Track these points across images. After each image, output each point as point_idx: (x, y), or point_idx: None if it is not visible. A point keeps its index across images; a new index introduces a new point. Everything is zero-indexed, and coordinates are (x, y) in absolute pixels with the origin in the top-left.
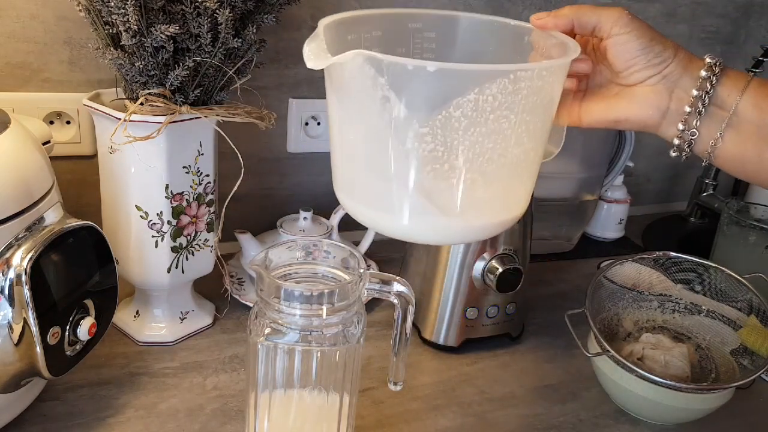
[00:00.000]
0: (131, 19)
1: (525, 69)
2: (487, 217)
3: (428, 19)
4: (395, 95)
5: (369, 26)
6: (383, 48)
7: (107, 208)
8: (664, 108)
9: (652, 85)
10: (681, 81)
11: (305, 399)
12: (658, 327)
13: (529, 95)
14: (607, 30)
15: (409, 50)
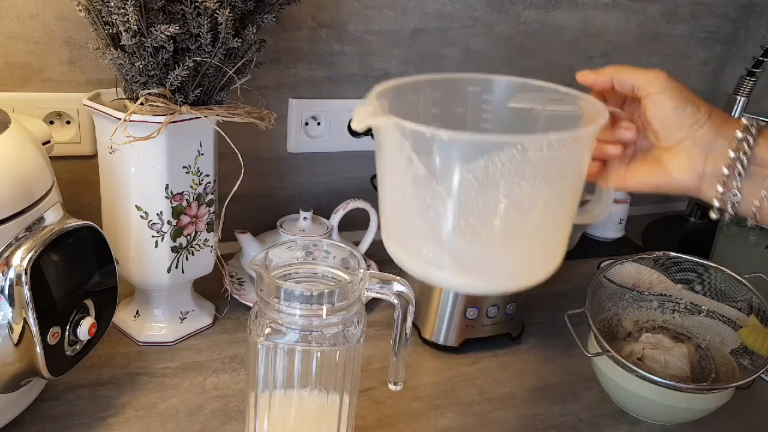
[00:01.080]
0: (131, 19)
1: (531, 141)
2: (504, 277)
3: (485, 83)
4: (417, 157)
5: (429, 89)
6: (443, 108)
7: (107, 208)
8: (700, 171)
9: (686, 148)
10: (715, 143)
11: (305, 399)
12: (658, 327)
13: (540, 165)
14: (644, 89)
15: (467, 110)
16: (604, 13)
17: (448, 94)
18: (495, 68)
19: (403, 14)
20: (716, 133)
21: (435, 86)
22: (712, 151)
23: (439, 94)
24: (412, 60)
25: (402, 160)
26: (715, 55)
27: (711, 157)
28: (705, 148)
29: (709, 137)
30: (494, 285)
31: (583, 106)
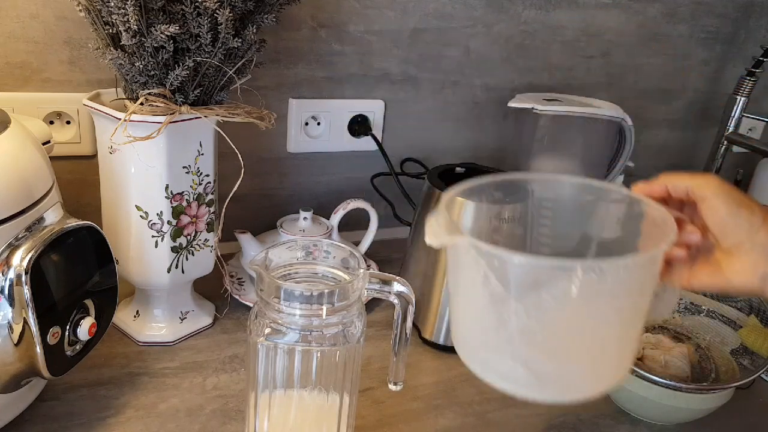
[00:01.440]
0: (131, 19)
1: (609, 265)
2: (580, 388)
3: (544, 182)
4: (493, 276)
5: (491, 189)
6: (504, 207)
7: (107, 208)
8: (762, 274)
9: (746, 251)
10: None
11: (305, 399)
12: (658, 327)
13: (617, 284)
14: (698, 194)
15: (527, 208)
16: (604, 13)
17: (507, 191)
18: (495, 68)
19: (403, 14)
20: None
21: (496, 186)
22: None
23: (500, 194)
24: (412, 60)
25: (478, 276)
26: (715, 55)
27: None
28: (765, 252)
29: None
30: (570, 396)
31: (648, 211)
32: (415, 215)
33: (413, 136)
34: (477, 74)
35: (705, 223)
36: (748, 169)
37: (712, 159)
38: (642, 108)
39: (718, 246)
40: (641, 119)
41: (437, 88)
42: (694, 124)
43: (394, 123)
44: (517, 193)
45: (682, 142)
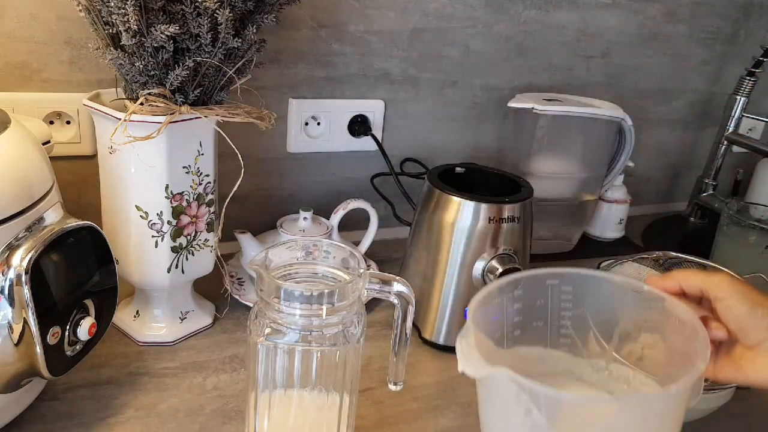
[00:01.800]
0: (131, 19)
1: (654, 399)
2: None
3: (565, 276)
4: (536, 409)
5: (511, 288)
6: (525, 303)
7: (107, 208)
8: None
9: (767, 350)
10: None
11: (305, 399)
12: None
13: (660, 410)
14: (713, 294)
15: (547, 301)
16: (604, 13)
17: (528, 290)
18: (495, 68)
19: (403, 14)
20: None
21: (516, 284)
22: None
23: (521, 291)
24: (412, 60)
25: (519, 408)
26: (715, 55)
27: None
28: None
29: None
30: None
31: (672, 310)
32: (415, 215)
33: (413, 136)
34: (477, 74)
35: (723, 320)
36: (748, 169)
37: (712, 159)
38: (642, 108)
39: (739, 342)
40: (641, 119)
41: (437, 88)
42: (694, 124)
43: (394, 123)
44: (536, 288)
45: (682, 142)
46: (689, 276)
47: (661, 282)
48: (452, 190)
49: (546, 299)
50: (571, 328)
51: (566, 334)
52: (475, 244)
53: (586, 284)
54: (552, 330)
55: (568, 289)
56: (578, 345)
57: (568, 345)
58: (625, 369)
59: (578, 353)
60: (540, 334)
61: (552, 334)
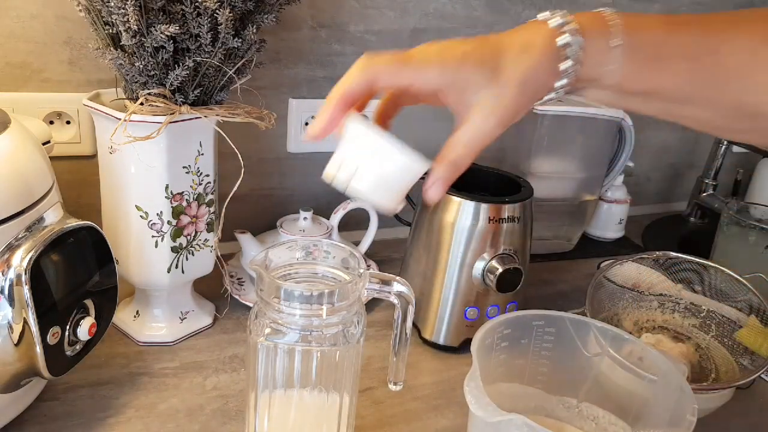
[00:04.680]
0: (131, 19)
1: None
2: None
3: (548, 318)
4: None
5: (502, 327)
6: (511, 341)
7: (107, 208)
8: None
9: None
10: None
11: (305, 399)
12: (658, 327)
13: None
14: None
15: (530, 341)
16: None
17: (515, 328)
18: None
19: (403, 14)
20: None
21: (506, 324)
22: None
23: (509, 330)
24: None
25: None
26: None
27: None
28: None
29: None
30: None
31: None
32: (415, 215)
33: (413, 136)
34: None
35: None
36: (748, 169)
37: (712, 159)
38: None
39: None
40: (641, 119)
41: None
42: None
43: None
44: (522, 328)
45: (682, 142)
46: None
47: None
48: (452, 190)
49: (530, 338)
50: (549, 368)
51: (543, 372)
52: (475, 244)
53: (566, 327)
54: (530, 367)
55: (551, 330)
56: (553, 382)
57: (543, 382)
58: (595, 408)
59: (552, 390)
60: (519, 371)
61: (530, 372)
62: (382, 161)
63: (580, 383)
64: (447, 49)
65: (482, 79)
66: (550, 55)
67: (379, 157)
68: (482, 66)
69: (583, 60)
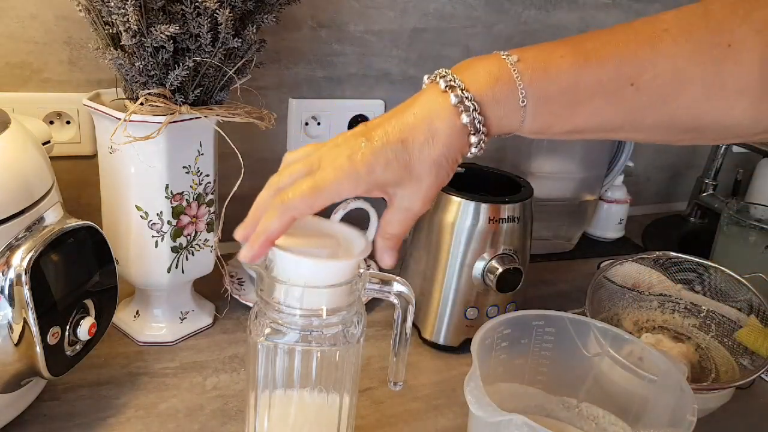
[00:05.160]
0: (131, 19)
1: None
2: None
3: (548, 318)
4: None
5: (502, 327)
6: (511, 342)
7: (107, 208)
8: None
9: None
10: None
11: (305, 399)
12: (658, 327)
13: None
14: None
15: (530, 341)
16: (604, 13)
17: (515, 328)
18: None
19: (403, 14)
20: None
21: (506, 324)
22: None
23: (509, 330)
24: (412, 60)
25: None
26: None
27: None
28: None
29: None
30: None
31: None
32: None
33: None
34: None
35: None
36: (748, 169)
37: (712, 159)
38: None
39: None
40: None
41: None
42: None
43: None
44: (523, 328)
45: None
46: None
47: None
48: (452, 190)
49: (531, 338)
50: (548, 367)
51: (543, 372)
52: (475, 244)
53: (566, 327)
54: (530, 367)
55: (551, 330)
56: (553, 382)
57: (543, 382)
58: (595, 408)
59: (552, 391)
60: (519, 371)
61: (530, 372)
62: (317, 276)
63: (580, 383)
64: (353, 156)
65: (395, 178)
66: (456, 136)
67: (313, 274)
68: (391, 170)
69: (490, 127)
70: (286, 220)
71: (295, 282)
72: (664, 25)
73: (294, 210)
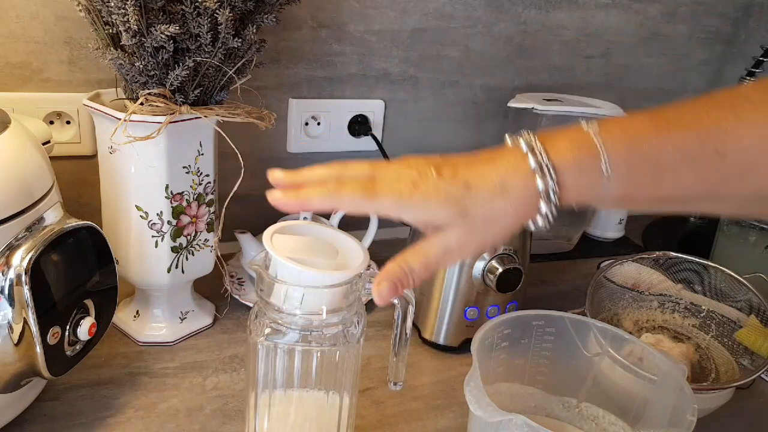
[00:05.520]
0: (131, 19)
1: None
2: None
3: (548, 318)
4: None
5: (502, 327)
6: (511, 341)
7: (107, 208)
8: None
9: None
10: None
11: (305, 399)
12: (658, 327)
13: None
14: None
15: (530, 341)
16: (604, 13)
17: (515, 328)
18: (495, 68)
19: (403, 14)
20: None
21: (506, 324)
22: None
23: (509, 330)
24: (412, 60)
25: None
26: (715, 55)
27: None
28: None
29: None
30: None
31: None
32: None
33: (413, 136)
34: (477, 74)
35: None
36: None
37: None
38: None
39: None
40: None
41: (437, 88)
42: None
43: (394, 123)
44: (522, 327)
45: None
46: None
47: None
48: None
49: (531, 338)
50: (548, 367)
51: (543, 372)
52: None
53: (566, 326)
54: (530, 367)
55: (551, 330)
56: (553, 382)
57: (543, 382)
58: (595, 408)
59: (552, 391)
60: (519, 371)
61: (530, 372)
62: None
63: (580, 383)
64: (416, 184)
65: (446, 219)
66: (525, 199)
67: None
68: (445, 210)
69: (567, 197)
70: (327, 205)
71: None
72: (745, 94)
73: (340, 203)
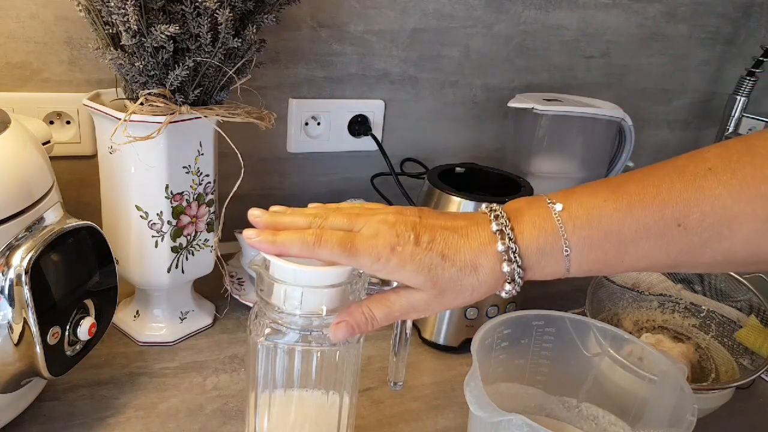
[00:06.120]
0: (131, 19)
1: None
2: None
3: (548, 318)
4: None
5: (502, 327)
6: (511, 341)
7: (107, 208)
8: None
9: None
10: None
11: (305, 399)
12: (658, 327)
13: None
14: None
15: (530, 341)
16: (604, 13)
17: (515, 328)
18: (495, 68)
19: (403, 14)
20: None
21: (506, 324)
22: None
23: (509, 330)
24: (412, 60)
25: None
26: (715, 55)
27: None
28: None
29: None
30: None
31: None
32: None
33: (413, 136)
34: (477, 74)
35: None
36: None
37: None
38: (642, 108)
39: None
40: (641, 119)
41: (437, 88)
42: (694, 124)
43: (394, 123)
44: (522, 327)
45: (682, 142)
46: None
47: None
48: (452, 190)
49: (531, 338)
50: (548, 367)
51: (543, 372)
52: None
53: (565, 325)
54: (530, 367)
55: (551, 330)
56: (553, 382)
57: (543, 382)
58: (595, 408)
59: (552, 391)
60: (519, 371)
61: (530, 372)
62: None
63: (580, 383)
64: (394, 247)
65: (419, 284)
66: (493, 278)
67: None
68: (420, 276)
69: (532, 275)
70: (304, 254)
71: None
72: (708, 163)
73: (318, 255)
